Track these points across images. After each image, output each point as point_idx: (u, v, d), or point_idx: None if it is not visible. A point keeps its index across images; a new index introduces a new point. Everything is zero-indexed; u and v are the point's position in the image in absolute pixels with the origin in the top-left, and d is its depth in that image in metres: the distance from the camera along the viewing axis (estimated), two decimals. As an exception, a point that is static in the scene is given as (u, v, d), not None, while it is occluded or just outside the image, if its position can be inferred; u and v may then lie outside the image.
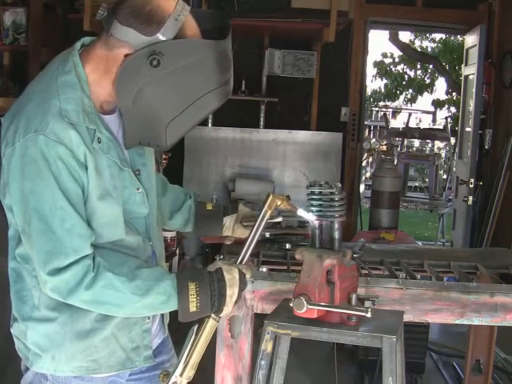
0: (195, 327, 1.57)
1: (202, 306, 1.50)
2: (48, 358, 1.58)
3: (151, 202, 1.66)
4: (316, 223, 1.64)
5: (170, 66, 1.43)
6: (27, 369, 1.63)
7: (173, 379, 1.53)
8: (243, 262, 1.61)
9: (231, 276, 1.52)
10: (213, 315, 1.54)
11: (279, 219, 1.79)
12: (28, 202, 1.45)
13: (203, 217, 1.88)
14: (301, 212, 1.67)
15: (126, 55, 1.46)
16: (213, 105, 1.50)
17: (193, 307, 1.49)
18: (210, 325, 1.54)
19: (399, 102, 13.94)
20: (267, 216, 1.64)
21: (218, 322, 1.55)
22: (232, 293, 1.51)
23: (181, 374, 1.53)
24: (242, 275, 1.54)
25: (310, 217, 1.64)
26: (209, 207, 1.89)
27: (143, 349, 1.65)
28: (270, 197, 1.66)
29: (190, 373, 1.53)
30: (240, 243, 1.77)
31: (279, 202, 1.66)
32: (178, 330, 1.72)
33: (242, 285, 1.54)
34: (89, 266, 1.46)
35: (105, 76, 1.50)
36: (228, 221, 1.90)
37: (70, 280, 1.45)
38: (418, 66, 13.02)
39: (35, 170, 1.43)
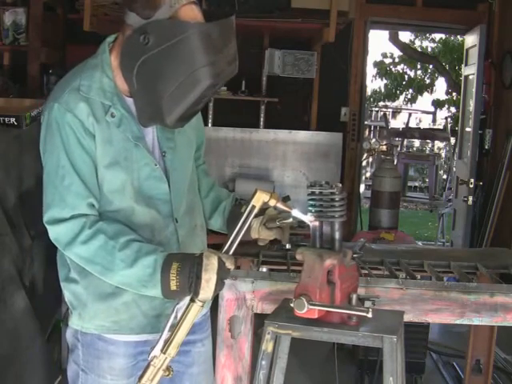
0: (176, 305, 1.62)
1: (181, 286, 1.57)
2: (76, 315, 1.78)
3: (174, 183, 1.77)
4: (315, 224, 1.62)
5: (158, 44, 1.55)
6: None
7: (153, 353, 1.58)
8: (229, 253, 1.62)
9: (209, 262, 1.56)
10: (196, 299, 1.58)
11: (289, 220, 1.78)
12: (43, 159, 1.68)
13: (235, 218, 1.83)
14: (296, 213, 1.66)
15: None
16: (202, 83, 1.58)
17: (173, 286, 1.57)
18: (192, 308, 1.58)
19: (399, 102, 13.95)
20: (254, 211, 1.65)
21: (201, 306, 1.58)
22: (209, 277, 1.55)
23: (163, 351, 1.58)
24: (221, 262, 1.57)
25: (306, 218, 1.63)
26: (242, 209, 1.85)
27: (164, 317, 1.72)
28: (257, 192, 1.66)
29: (172, 351, 1.58)
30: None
31: (267, 198, 1.65)
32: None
33: (221, 272, 1.57)
34: (85, 223, 1.62)
35: None
36: (255, 223, 1.87)
37: (66, 233, 1.62)
38: (418, 66, 13.01)
39: (50, 133, 1.65)
